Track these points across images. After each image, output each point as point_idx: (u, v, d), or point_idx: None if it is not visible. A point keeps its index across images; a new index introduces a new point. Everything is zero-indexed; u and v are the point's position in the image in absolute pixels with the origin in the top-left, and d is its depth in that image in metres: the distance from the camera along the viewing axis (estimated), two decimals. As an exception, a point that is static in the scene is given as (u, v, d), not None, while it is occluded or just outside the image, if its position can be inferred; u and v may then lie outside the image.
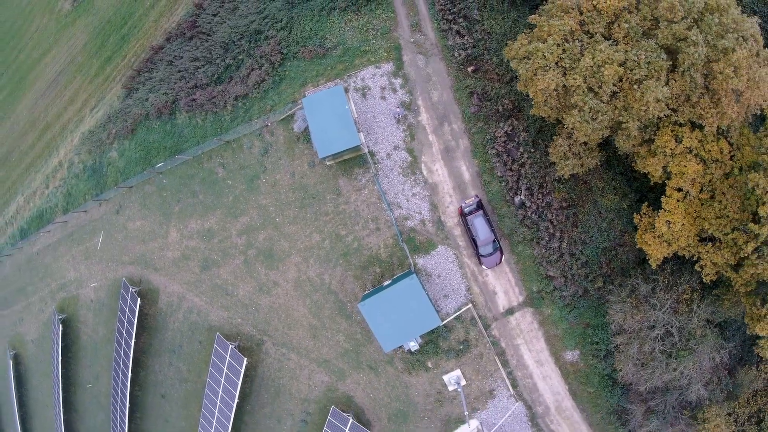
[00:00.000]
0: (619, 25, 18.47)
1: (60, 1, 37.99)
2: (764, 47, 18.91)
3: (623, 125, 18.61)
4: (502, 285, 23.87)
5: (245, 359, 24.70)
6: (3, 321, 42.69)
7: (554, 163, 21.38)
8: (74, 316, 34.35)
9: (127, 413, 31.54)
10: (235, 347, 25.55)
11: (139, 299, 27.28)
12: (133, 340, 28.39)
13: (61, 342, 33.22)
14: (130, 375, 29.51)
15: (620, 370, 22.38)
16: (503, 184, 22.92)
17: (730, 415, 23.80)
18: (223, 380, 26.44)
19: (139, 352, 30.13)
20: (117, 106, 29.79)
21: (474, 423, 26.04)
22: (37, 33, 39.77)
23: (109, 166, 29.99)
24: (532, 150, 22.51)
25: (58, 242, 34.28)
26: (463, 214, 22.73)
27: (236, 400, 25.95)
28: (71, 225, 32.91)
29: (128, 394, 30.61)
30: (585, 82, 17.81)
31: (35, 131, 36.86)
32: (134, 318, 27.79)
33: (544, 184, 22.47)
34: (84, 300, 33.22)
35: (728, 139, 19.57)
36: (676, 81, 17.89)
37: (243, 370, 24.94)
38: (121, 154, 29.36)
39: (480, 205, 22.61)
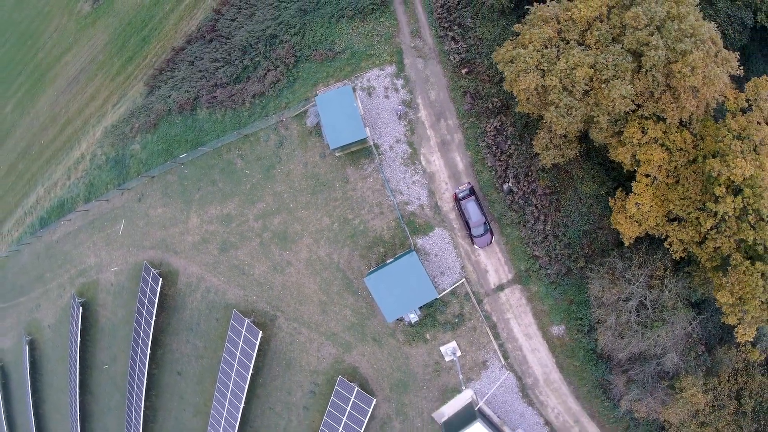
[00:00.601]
0: (591, 33, 22.43)
1: (79, 3, 42.04)
2: (729, 50, 22.89)
3: (595, 119, 22.53)
4: (493, 264, 27.77)
5: (260, 332, 28.45)
6: (19, 308, 46.39)
7: (538, 154, 25.30)
8: (93, 300, 38.08)
9: (144, 391, 35.11)
10: (250, 321, 29.30)
11: (160, 279, 31.02)
12: (154, 319, 32.10)
13: (81, 325, 36.96)
14: (149, 353, 33.21)
15: (601, 340, 26.19)
16: (493, 173, 26.90)
17: (708, 388, 27.40)
18: (238, 353, 30.14)
19: (158, 331, 33.80)
20: (140, 102, 33.74)
21: (468, 392, 29.78)
22: (56, 33, 43.77)
23: (131, 157, 33.89)
24: (519, 143, 26.49)
25: (79, 230, 38.08)
26: (457, 200, 26.69)
27: (251, 372, 29.64)
28: (92, 213, 36.73)
29: (146, 372, 34.27)
30: (560, 83, 21.73)
31: (56, 126, 40.76)
32: (155, 297, 31.51)
33: (530, 173, 26.45)
34: (104, 284, 36.97)
35: (691, 130, 23.50)
36: (640, 80, 21.76)
37: (258, 343, 28.67)
38: (144, 146, 33.26)
39: (472, 191, 26.57)
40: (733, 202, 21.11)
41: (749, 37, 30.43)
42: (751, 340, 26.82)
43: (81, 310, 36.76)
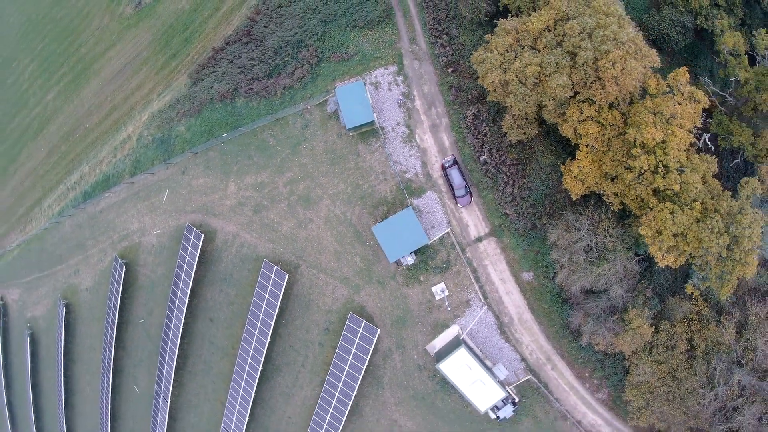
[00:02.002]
0: (540, 40, 33.85)
1: (121, 6, 53.71)
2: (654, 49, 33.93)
3: (544, 104, 33.85)
4: (473, 219, 38.97)
5: (287, 274, 39.30)
6: (56, 276, 57.13)
7: (506, 133, 36.68)
8: (134, 261, 48.88)
9: (179, 337, 45.69)
10: (278, 267, 40.13)
11: (202, 235, 41.89)
12: (194, 271, 42.81)
13: (123, 283, 47.49)
14: (187, 301, 43.86)
15: (559, 276, 36.98)
16: (472, 148, 38.34)
17: (661, 328, 37.68)
18: (267, 295, 40.92)
19: (195, 283, 44.51)
20: (184, 92, 45.04)
21: (455, 328, 40.67)
22: (97, 31, 55.32)
23: (176, 137, 45.08)
24: (492, 125, 37.91)
25: (123, 200, 49.06)
26: (444, 168, 38.11)
27: (277, 310, 40.36)
28: (138, 185, 47.80)
29: (183, 319, 44.84)
30: (516, 77, 33.06)
31: (101, 112, 52.01)
32: (197, 252, 42.31)
33: (500, 148, 37.86)
34: (146, 246, 47.82)
35: (619, 110, 34.72)
36: (576, 73, 33.02)
37: (284, 284, 39.48)
38: (188, 128, 44.49)
39: (455, 162, 37.97)
40: (647, 159, 32.24)
41: (694, 36, 42.24)
42: (701, 291, 37.67)
43: (124, 269, 47.49)
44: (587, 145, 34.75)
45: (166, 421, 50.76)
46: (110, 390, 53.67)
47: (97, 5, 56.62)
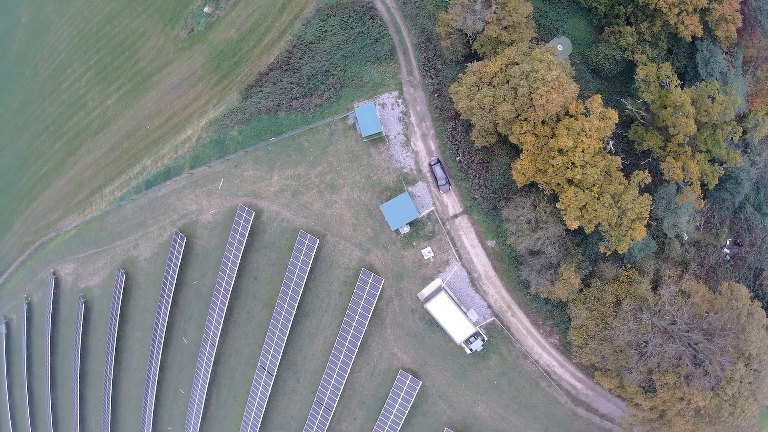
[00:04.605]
0: (495, 78, 60.67)
1: (176, 30, 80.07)
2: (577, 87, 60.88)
3: (497, 122, 60.67)
4: (451, 202, 65.70)
5: (318, 240, 65.83)
6: (115, 250, 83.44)
7: (474, 141, 63.44)
8: (191, 234, 75.20)
9: (230, 292, 72.07)
10: (311, 236, 66.71)
11: (253, 212, 68.28)
12: (245, 239, 69.17)
13: (183, 251, 73.65)
14: (239, 263, 70.21)
15: (509, 239, 63.76)
16: (450, 151, 65.16)
17: (592, 284, 64.89)
18: (301, 256, 67.43)
19: (244, 249, 70.87)
20: (236, 105, 71.45)
21: (438, 280, 67.47)
22: (154, 50, 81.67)
23: (230, 140, 71.52)
24: (465, 135, 64.71)
25: (183, 187, 75.44)
26: (430, 165, 65.03)
27: (310, 266, 66.80)
28: (196, 176, 74.20)
29: (234, 277, 71.21)
30: (478, 104, 59.80)
31: (161, 117, 78.31)
32: (248, 225, 68.65)
33: (471, 151, 64.64)
34: (202, 222, 74.19)
35: (548, 125, 61.60)
36: (517, 102, 59.74)
37: (315, 247, 65.98)
38: (240, 133, 70.93)
39: (439, 161, 64.83)
40: (561, 159, 58.90)
41: (625, 65, 69.10)
42: (609, 249, 64.54)
43: (185, 240, 73.77)
44: (527, 150, 61.50)
45: (211, 365, 77.12)
46: (162, 343, 79.94)
47: (152, 27, 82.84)
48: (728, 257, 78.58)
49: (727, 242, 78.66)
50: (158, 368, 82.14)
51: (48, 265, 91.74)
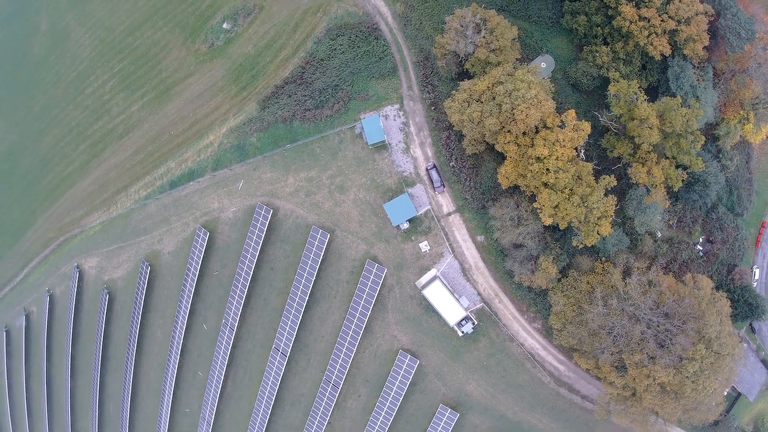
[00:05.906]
0: (483, 95, 77.41)
1: (197, 44, 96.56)
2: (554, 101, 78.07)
3: (484, 133, 77.41)
4: (446, 201, 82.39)
5: (328, 234, 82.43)
6: (139, 245, 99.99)
7: (466, 148, 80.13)
8: (213, 230, 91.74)
9: (248, 281, 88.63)
10: (322, 231, 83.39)
11: (271, 210, 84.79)
12: (264, 234, 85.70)
13: (205, 244, 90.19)
14: (257, 255, 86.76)
15: (495, 234, 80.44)
16: (445, 157, 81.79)
17: (569, 274, 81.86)
18: (314, 248, 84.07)
19: (262, 243, 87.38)
20: (255, 114, 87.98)
21: (434, 270, 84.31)
22: (176, 61, 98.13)
23: (250, 145, 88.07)
24: (458, 143, 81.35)
25: (206, 187, 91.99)
26: (427, 170, 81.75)
27: (321, 257, 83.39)
28: (218, 177, 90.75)
29: (253, 268, 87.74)
30: (468, 118, 76.45)
31: (185, 123, 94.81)
32: (266, 221, 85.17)
33: (462, 158, 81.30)
34: (223, 219, 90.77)
35: (529, 136, 78.37)
36: (501, 116, 76.46)
37: (326, 241, 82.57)
38: (258, 139, 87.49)
39: (435, 166, 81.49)
40: (538, 165, 75.49)
41: (602, 81, 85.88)
42: (594, 244, 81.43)
43: (208, 234, 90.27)
44: (510, 157, 78.17)
45: (230, 349, 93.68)
46: (184, 329, 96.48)
47: (173, 40, 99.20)
48: (701, 253, 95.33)
49: (701, 240, 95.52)
50: (179, 353, 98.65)
51: (71, 260, 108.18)
